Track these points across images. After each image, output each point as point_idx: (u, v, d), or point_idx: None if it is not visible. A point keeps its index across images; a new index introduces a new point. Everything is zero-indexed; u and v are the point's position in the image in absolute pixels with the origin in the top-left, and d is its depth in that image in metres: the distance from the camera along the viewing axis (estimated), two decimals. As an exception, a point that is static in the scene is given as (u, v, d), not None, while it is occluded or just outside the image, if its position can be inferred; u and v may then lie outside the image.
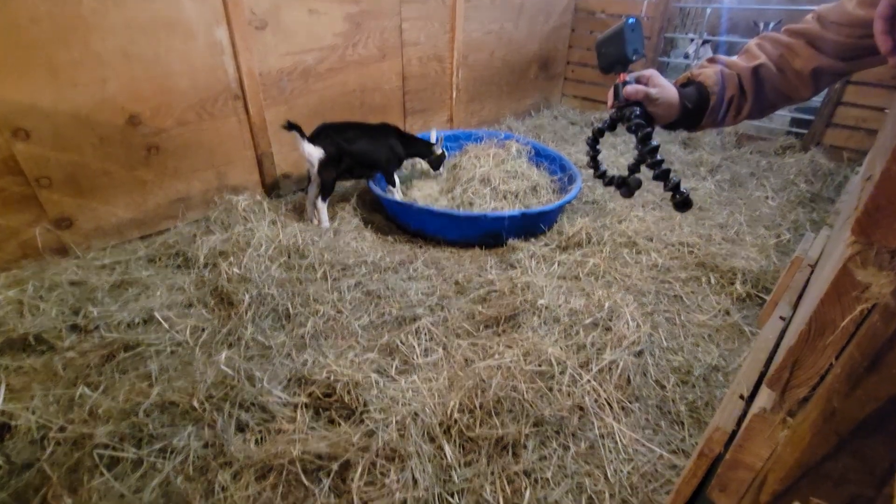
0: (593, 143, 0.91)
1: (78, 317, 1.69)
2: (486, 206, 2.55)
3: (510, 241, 2.36)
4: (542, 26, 4.05)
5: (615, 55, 0.78)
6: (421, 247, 2.40)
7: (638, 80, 0.79)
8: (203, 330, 1.73)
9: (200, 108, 2.32)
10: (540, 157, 3.07)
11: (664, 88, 0.78)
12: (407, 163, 2.88)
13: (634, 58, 0.76)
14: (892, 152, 0.37)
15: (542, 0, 3.93)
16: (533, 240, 2.40)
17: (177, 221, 2.38)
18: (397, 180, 2.68)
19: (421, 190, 2.85)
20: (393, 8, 2.91)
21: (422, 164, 2.98)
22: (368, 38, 2.85)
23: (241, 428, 1.36)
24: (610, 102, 0.81)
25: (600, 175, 0.90)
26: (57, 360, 1.55)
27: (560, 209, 2.48)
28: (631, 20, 0.75)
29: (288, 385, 1.50)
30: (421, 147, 2.78)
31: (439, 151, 2.82)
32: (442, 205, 2.66)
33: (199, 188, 2.44)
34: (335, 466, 1.22)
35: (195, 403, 1.38)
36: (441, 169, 2.90)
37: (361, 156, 2.45)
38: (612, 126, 0.84)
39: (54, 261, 2.00)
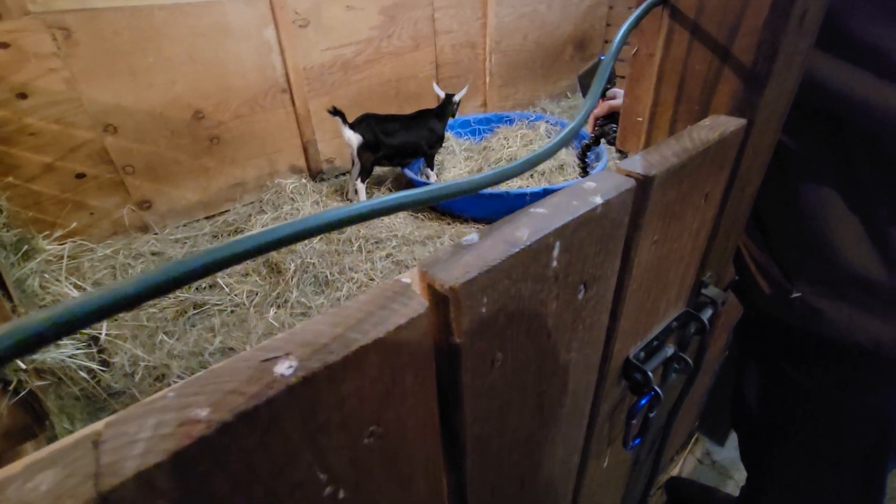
0: (582, 155, 1.07)
1: (157, 280, 2.03)
2: (513, 184, 2.68)
3: (533, 217, 2.48)
4: (577, 6, 4.05)
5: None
6: (449, 223, 2.58)
7: (604, 98, 0.92)
8: (256, 293, 2.02)
9: (253, 101, 2.61)
10: (570, 136, 3.13)
11: None
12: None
13: (608, 86, 0.91)
14: None
15: (578, -21, 3.93)
16: (556, 215, 2.51)
17: (235, 203, 2.70)
18: (435, 164, 2.85)
19: (451, 171, 3.02)
20: (425, -1, 3.07)
21: (454, 143, 3.13)
22: (402, 29, 3.03)
23: (285, 370, 1.62)
24: (590, 126, 0.95)
25: None
26: (142, 314, 1.89)
27: (583, 186, 2.56)
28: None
29: (324, 337, 1.75)
30: (446, 105, 2.83)
31: (457, 99, 2.86)
32: (470, 184, 2.82)
33: (253, 174, 2.75)
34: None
35: (248, 349, 1.65)
36: (455, 106, 2.88)
37: (402, 147, 2.65)
38: (596, 141, 0.98)
39: (138, 236, 2.37)
